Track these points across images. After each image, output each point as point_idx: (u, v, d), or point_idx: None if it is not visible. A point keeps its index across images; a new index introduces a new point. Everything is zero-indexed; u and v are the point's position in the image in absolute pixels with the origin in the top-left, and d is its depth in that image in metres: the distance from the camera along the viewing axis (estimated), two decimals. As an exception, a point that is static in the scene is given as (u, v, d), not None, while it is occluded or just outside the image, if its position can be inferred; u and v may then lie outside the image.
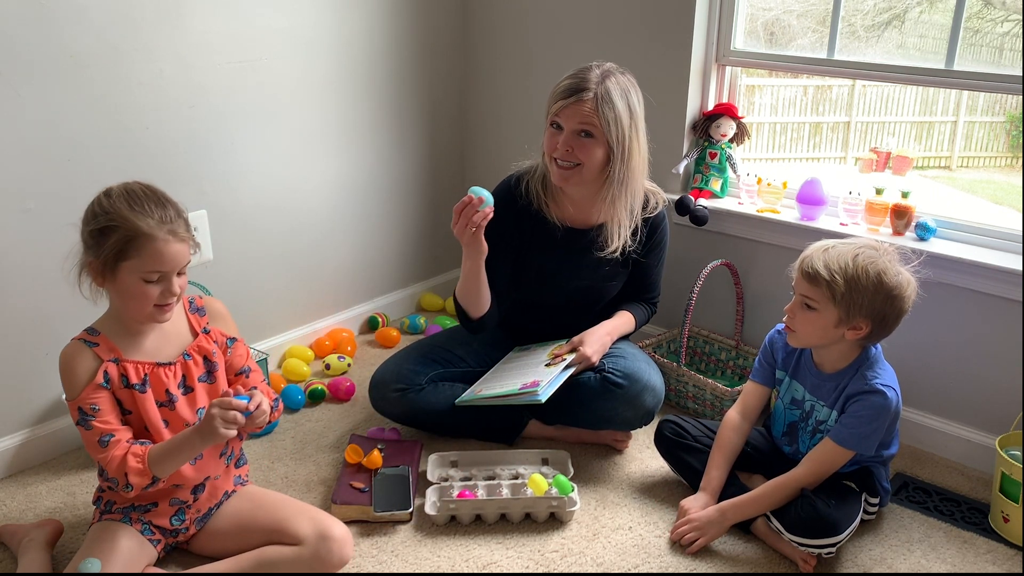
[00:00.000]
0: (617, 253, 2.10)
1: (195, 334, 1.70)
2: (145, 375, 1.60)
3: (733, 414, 1.99)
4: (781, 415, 1.97)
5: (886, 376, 1.80)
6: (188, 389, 1.66)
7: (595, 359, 2.09)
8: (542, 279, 2.18)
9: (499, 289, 2.13)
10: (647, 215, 2.15)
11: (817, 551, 1.74)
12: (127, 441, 1.56)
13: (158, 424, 1.61)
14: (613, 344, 2.20)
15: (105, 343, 1.58)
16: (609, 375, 2.09)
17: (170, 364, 1.64)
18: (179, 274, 1.57)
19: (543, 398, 1.94)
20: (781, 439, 1.97)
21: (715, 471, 1.91)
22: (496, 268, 2.08)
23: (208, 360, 1.69)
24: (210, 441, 1.55)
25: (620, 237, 2.08)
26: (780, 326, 2.00)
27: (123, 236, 1.51)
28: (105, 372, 1.56)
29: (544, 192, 2.11)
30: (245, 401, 1.55)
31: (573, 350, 2.10)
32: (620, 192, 2.02)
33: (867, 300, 1.71)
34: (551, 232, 2.13)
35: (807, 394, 1.89)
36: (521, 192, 2.13)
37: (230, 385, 1.75)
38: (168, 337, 1.66)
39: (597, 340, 2.11)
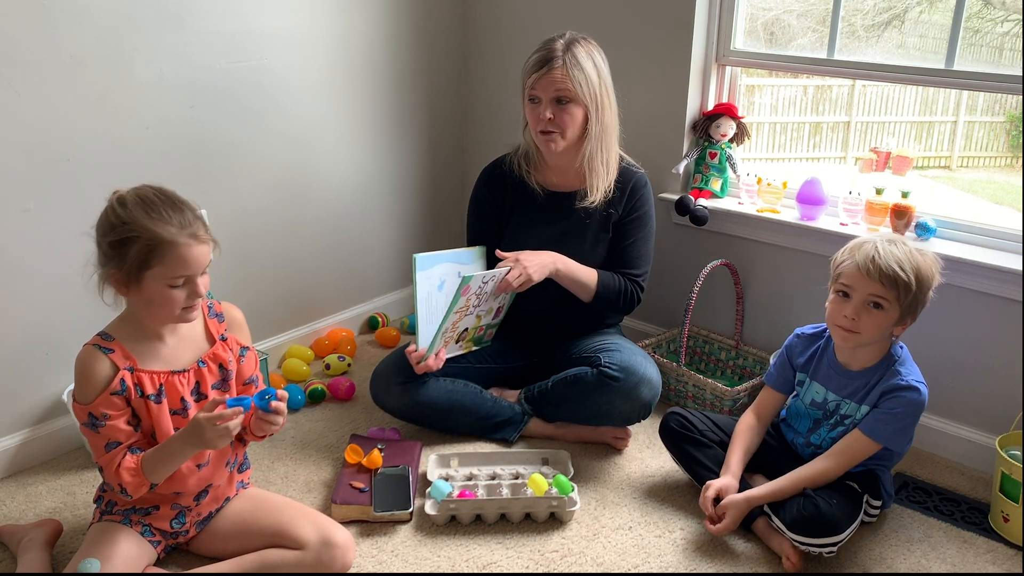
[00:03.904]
0: (597, 204, 2.17)
1: (212, 341, 1.68)
2: (160, 385, 1.59)
3: (749, 417, 1.99)
4: (804, 416, 1.95)
5: (917, 373, 1.81)
6: (201, 396, 1.65)
7: (526, 264, 2.07)
8: (528, 243, 2.19)
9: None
10: (625, 166, 2.23)
11: (818, 550, 1.74)
12: (127, 448, 1.56)
13: (169, 434, 1.60)
14: (609, 339, 2.22)
15: (120, 350, 1.56)
16: (605, 369, 2.10)
17: (184, 371, 1.62)
18: (202, 274, 1.56)
19: (467, 278, 1.98)
20: (804, 435, 1.95)
21: (734, 456, 1.91)
22: (484, 239, 2.26)
23: (223, 368, 1.68)
24: (196, 444, 1.53)
25: (599, 189, 2.16)
26: (799, 330, 1.99)
27: (145, 246, 1.48)
28: (121, 380, 1.54)
29: (527, 164, 2.23)
30: (243, 406, 1.54)
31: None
32: (597, 146, 2.13)
33: (923, 296, 1.76)
34: (534, 199, 2.24)
35: (830, 394, 1.89)
36: (506, 165, 2.26)
37: (238, 393, 1.74)
38: (184, 343, 1.64)
39: (535, 255, 2.11)
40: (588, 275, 2.18)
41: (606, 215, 2.21)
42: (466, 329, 2.14)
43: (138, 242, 1.48)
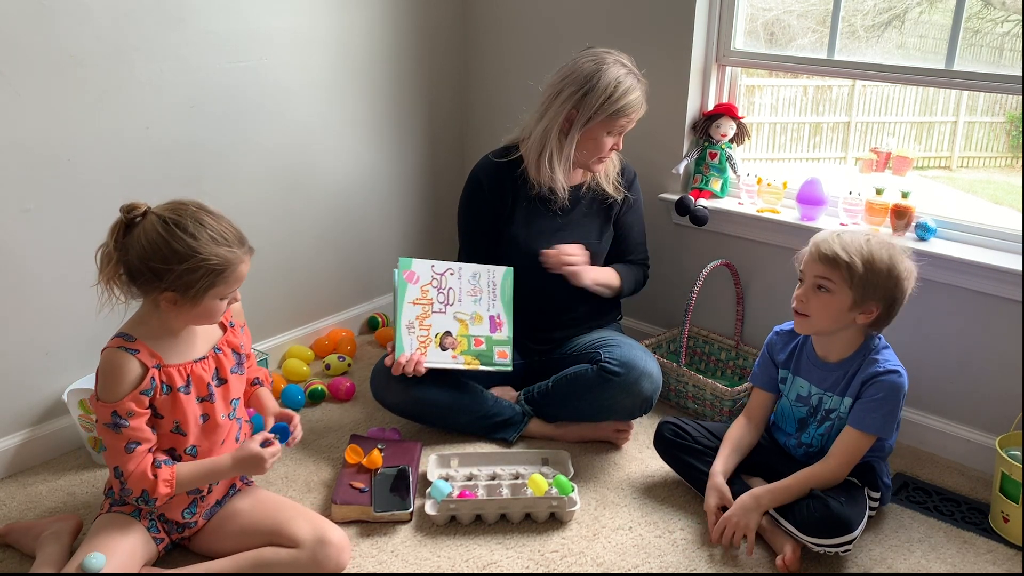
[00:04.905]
0: (610, 190, 2.28)
1: (223, 328, 1.75)
2: (188, 375, 1.64)
3: (740, 418, 2.01)
4: (789, 414, 1.96)
5: (895, 360, 1.82)
6: (222, 381, 1.71)
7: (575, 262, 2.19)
8: (531, 238, 2.23)
9: (487, 253, 2.27)
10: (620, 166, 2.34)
11: (834, 550, 1.73)
12: (149, 451, 1.59)
13: (192, 425, 1.64)
14: (608, 335, 2.26)
15: (144, 349, 1.59)
16: (606, 364, 2.11)
17: (204, 358, 1.68)
18: None
19: (405, 261, 2.13)
20: (794, 435, 1.96)
21: (722, 457, 1.92)
22: (480, 237, 2.29)
23: (236, 353, 1.76)
24: (244, 473, 1.69)
25: (611, 179, 2.29)
26: (778, 328, 2.01)
27: (213, 271, 1.54)
28: (151, 379, 1.58)
29: (550, 166, 2.18)
30: (281, 436, 1.75)
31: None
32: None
33: (881, 282, 1.74)
34: (538, 194, 2.24)
35: (813, 388, 1.90)
36: (505, 164, 2.25)
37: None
38: (199, 334, 1.70)
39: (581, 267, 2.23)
40: (612, 276, 2.29)
41: (608, 205, 2.29)
42: (448, 333, 2.12)
43: (208, 268, 1.53)
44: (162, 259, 1.52)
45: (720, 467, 1.90)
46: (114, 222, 1.57)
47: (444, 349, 2.12)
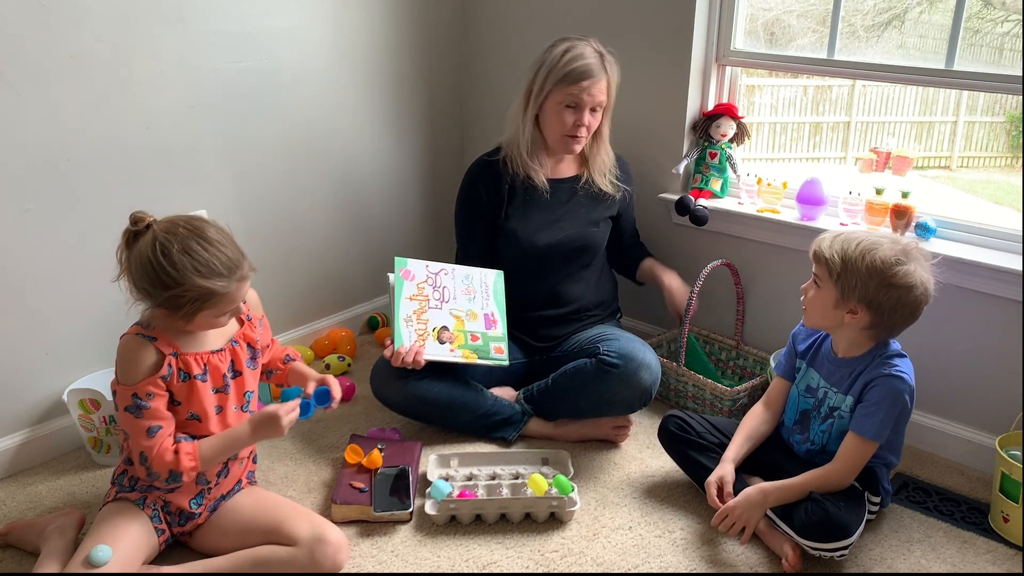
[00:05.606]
0: (607, 188, 2.32)
1: (240, 322, 1.78)
2: (205, 364, 1.67)
3: (758, 406, 2.01)
4: (794, 402, 1.97)
5: (905, 367, 1.80)
6: (237, 373, 1.75)
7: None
8: (529, 232, 2.27)
9: (478, 256, 2.31)
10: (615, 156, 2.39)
11: (830, 554, 1.73)
12: (169, 435, 1.62)
13: (209, 412, 1.68)
14: (606, 330, 2.28)
15: (162, 338, 1.63)
16: (604, 356, 2.11)
17: (221, 350, 1.70)
18: None
19: (401, 261, 2.15)
20: (792, 427, 1.96)
21: (735, 442, 1.94)
22: (477, 237, 2.32)
23: (251, 347, 1.78)
24: (264, 438, 1.69)
25: (606, 175, 2.33)
26: None
27: (198, 297, 1.56)
28: (168, 365, 1.61)
29: (529, 157, 2.25)
30: (297, 397, 1.75)
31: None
32: (603, 142, 2.29)
33: (860, 283, 1.73)
34: (533, 188, 2.28)
35: (822, 381, 1.90)
36: (499, 160, 2.30)
37: (271, 366, 1.92)
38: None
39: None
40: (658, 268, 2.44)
41: (606, 198, 2.34)
42: (445, 327, 2.13)
43: (191, 297, 1.55)
44: (149, 282, 1.55)
45: (731, 454, 1.92)
46: (125, 228, 1.59)
47: (442, 343, 2.12)
